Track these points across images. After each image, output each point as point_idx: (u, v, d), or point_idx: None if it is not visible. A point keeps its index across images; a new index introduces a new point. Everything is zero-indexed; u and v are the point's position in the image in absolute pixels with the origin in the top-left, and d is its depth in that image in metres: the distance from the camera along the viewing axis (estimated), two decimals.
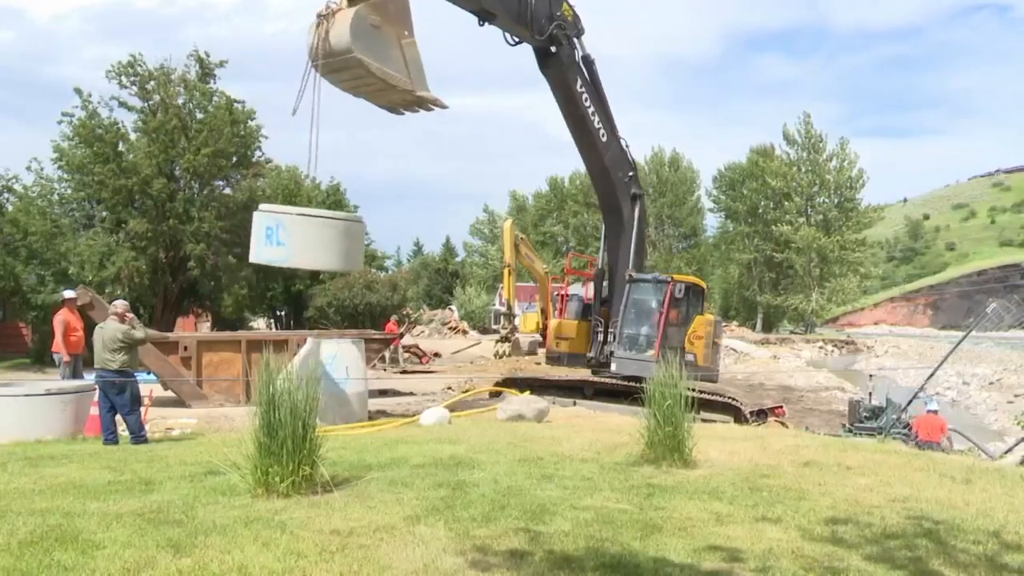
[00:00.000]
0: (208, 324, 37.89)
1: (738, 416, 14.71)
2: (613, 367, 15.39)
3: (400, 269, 61.69)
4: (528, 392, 14.79)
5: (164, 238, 27.44)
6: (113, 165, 26.55)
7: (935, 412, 15.11)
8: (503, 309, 34.55)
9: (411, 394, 17.78)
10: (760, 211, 70.83)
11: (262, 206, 10.00)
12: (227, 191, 30.23)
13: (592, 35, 15.89)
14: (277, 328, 43.40)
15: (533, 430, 9.93)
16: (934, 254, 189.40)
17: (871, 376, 23.73)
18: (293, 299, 41.80)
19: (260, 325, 46.45)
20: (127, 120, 28.37)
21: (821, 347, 56.38)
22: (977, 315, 17.87)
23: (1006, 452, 14.91)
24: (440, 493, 5.87)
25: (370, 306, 36.70)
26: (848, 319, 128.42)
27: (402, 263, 79.35)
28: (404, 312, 42.52)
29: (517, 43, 13.76)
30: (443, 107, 12.18)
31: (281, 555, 4.29)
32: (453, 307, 59.90)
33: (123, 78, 27.83)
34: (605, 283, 16.93)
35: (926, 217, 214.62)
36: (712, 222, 78.29)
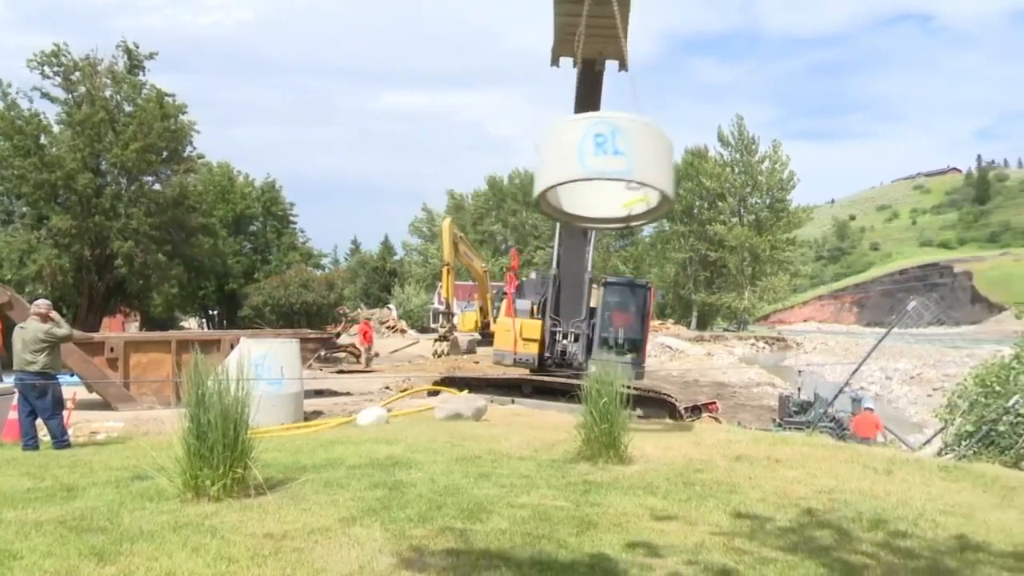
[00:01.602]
0: (136, 324, 36.80)
1: (673, 412, 15.01)
2: (591, 369, 15.47)
3: (337, 267, 60.95)
4: (466, 391, 14.81)
5: (89, 235, 26.51)
6: (35, 159, 25.55)
7: (871, 410, 15.63)
8: (442, 308, 34.46)
9: (348, 394, 17.57)
10: (695, 211, 72.27)
11: (581, 114, 7.87)
12: (157, 187, 29.40)
13: (532, 35, 15.90)
14: (209, 328, 42.39)
15: (471, 429, 9.93)
16: (859, 254, 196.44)
17: (800, 372, 24.51)
18: (227, 298, 40.91)
19: (192, 325, 45.32)
20: (50, 112, 27.39)
21: (753, 344, 57.84)
22: (899, 312, 18.70)
23: (925, 444, 15.54)
24: (376, 494, 5.81)
25: (306, 305, 36.13)
26: (779, 317, 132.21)
27: (339, 261, 78.32)
28: (341, 311, 41.98)
29: None
30: (626, 69, 11.61)
31: (211, 560, 4.19)
32: (391, 306, 59.38)
33: (46, 68, 26.82)
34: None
35: (852, 218, 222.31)
36: None
